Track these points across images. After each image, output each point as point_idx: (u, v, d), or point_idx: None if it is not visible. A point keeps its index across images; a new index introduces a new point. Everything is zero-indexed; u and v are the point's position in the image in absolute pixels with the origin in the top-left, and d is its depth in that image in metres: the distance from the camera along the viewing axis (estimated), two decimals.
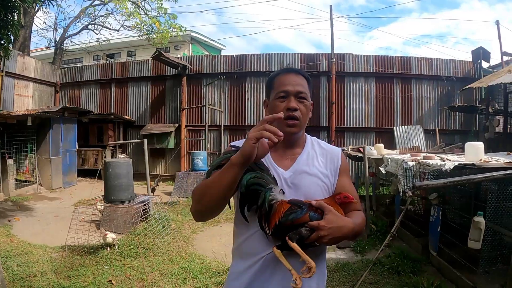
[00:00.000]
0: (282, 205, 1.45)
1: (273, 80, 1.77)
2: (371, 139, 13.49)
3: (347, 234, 1.43)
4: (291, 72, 1.76)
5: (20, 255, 5.94)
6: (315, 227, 1.36)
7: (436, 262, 5.38)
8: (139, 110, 15.71)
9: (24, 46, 16.21)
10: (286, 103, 1.66)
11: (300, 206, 1.43)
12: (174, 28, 18.31)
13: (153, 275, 5.23)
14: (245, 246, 1.66)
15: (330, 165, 1.79)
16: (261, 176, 1.51)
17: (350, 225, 1.45)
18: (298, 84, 1.70)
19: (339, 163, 1.82)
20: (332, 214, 1.41)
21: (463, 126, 13.35)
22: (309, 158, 1.76)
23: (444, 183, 3.79)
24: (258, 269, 1.59)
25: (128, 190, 8.10)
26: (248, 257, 1.63)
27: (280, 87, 1.70)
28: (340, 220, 1.42)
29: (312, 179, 1.69)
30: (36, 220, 8.45)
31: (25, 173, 12.10)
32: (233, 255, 1.78)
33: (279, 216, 1.41)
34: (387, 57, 13.73)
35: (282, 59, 14.08)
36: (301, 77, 1.74)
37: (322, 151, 1.83)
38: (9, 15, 7.51)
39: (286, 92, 1.67)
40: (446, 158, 5.74)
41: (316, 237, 1.36)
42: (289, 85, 1.68)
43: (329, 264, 5.66)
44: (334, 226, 1.38)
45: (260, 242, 1.58)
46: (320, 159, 1.79)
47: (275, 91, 1.72)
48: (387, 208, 8.63)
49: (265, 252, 1.57)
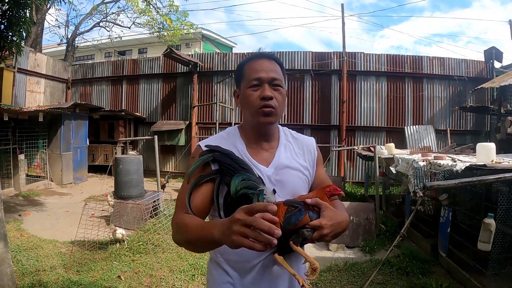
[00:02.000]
0: (279, 208, 1.33)
1: (243, 68, 1.63)
2: (381, 138, 13.42)
3: (346, 227, 1.40)
4: (263, 57, 1.61)
5: (30, 250, 6.00)
6: (317, 227, 1.29)
7: (445, 264, 5.35)
8: (150, 107, 15.77)
9: (36, 42, 16.36)
10: (260, 92, 1.52)
11: (297, 207, 1.34)
12: (185, 26, 18.36)
13: (162, 271, 5.26)
14: (235, 253, 1.41)
15: (307, 156, 1.73)
16: (248, 178, 1.39)
17: (347, 218, 1.43)
18: (271, 70, 1.56)
19: (316, 154, 1.76)
20: (329, 210, 1.34)
21: (474, 127, 13.22)
22: (288, 151, 1.68)
23: (455, 184, 3.76)
24: (254, 276, 1.49)
25: (138, 187, 8.14)
26: (239, 265, 1.52)
27: (252, 74, 1.55)
28: (338, 215, 1.37)
29: (295, 173, 1.62)
30: (46, 215, 8.52)
31: (36, 168, 12.21)
32: (214, 262, 1.61)
33: (280, 221, 1.29)
34: (398, 56, 13.64)
35: (293, 57, 14.04)
36: (274, 63, 1.60)
37: (297, 142, 1.75)
38: (21, 12, 7.56)
39: (259, 80, 1.53)
40: (457, 158, 5.71)
41: (319, 236, 1.30)
42: (262, 72, 1.54)
43: (337, 263, 5.68)
44: (335, 223, 1.32)
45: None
46: (298, 151, 1.71)
47: (247, 79, 1.57)
48: (397, 208, 8.59)
49: (259, 258, 1.47)
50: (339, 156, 13.44)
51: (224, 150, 1.44)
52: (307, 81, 13.89)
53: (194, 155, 1.53)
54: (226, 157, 1.42)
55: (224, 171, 1.40)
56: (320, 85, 13.85)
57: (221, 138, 1.62)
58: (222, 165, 1.41)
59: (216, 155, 1.41)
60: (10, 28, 7.67)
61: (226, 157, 1.42)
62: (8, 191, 10.29)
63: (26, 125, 11.21)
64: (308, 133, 13.68)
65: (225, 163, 1.40)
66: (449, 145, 11.07)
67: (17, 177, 10.84)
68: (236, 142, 1.60)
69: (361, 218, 6.76)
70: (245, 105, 1.58)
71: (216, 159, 1.42)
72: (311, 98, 13.91)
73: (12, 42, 7.95)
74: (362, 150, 10.13)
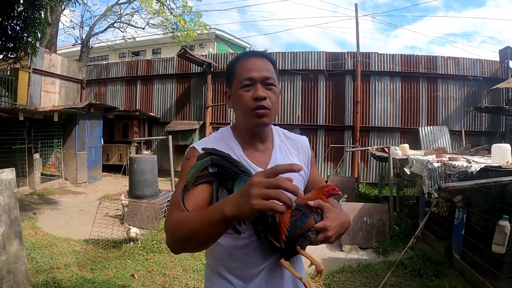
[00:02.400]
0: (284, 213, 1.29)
1: (234, 67, 1.56)
2: (396, 139, 13.32)
3: (348, 227, 1.39)
4: (254, 55, 1.54)
5: (44, 247, 6.08)
6: (322, 229, 1.28)
7: (459, 266, 5.31)
8: (164, 107, 15.84)
9: (51, 43, 16.55)
10: (252, 92, 1.46)
11: (301, 210, 1.31)
12: (199, 26, 18.42)
13: (175, 270, 5.29)
14: (238, 259, 1.46)
15: (302, 156, 1.70)
16: None
17: (348, 217, 1.41)
18: (264, 69, 1.50)
19: (310, 153, 1.74)
20: (332, 211, 1.32)
21: (489, 128, 13.06)
22: (283, 152, 1.64)
23: (470, 185, 3.74)
24: (259, 283, 1.45)
25: (152, 186, 8.21)
26: (243, 272, 1.46)
27: (244, 73, 1.49)
28: (341, 215, 1.35)
29: (292, 174, 1.47)
30: (61, 214, 8.62)
31: (51, 167, 12.35)
32: (213, 270, 1.55)
33: (286, 226, 1.28)
34: (413, 56, 13.52)
35: (307, 57, 14.00)
36: (266, 61, 1.54)
37: (290, 142, 1.71)
38: (36, 13, 7.67)
39: (251, 79, 1.47)
40: (472, 159, 5.68)
41: (323, 238, 1.28)
42: (254, 71, 1.48)
43: (351, 264, 5.66)
44: (338, 223, 1.31)
45: (255, 254, 1.44)
46: (293, 151, 1.68)
47: (238, 79, 1.51)
48: (411, 210, 8.55)
49: (265, 263, 1.45)
50: (353, 156, 13.39)
51: (222, 153, 1.39)
52: (321, 81, 13.84)
53: (189, 156, 1.48)
54: (225, 161, 1.36)
55: (224, 175, 1.35)
56: (334, 86, 13.80)
57: (215, 140, 1.56)
58: (222, 169, 1.35)
59: (214, 159, 1.35)
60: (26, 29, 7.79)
61: (225, 160, 1.37)
62: (23, 189, 10.42)
63: (41, 125, 11.32)
64: (322, 134, 13.75)
65: (224, 167, 1.35)
66: (463, 146, 10.98)
67: (32, 176, 10.98)
68: (232, 144, 1.56)
69: (374, 219, 6.74)
70: (237, 106, 1.53)
71: (215, 162, 1.35)
72: (325, 98, 13.85)
73: (27, 43, 8.07)
74: (376, 150, 10.08)
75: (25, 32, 7.90)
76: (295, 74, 13.96)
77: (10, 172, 3.93)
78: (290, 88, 14.10)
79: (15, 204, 3.95)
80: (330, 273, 5.32)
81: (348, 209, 6.77)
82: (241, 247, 1.44)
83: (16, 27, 7.89)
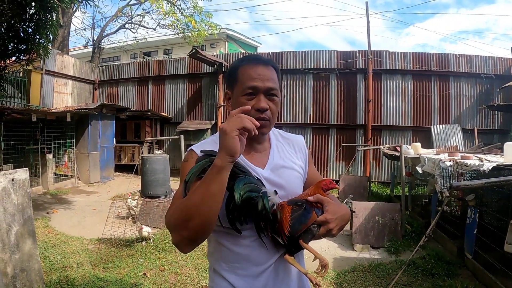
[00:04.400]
0: (284, 209, 1.36)
1: (237, 71, 1.52)
2: (408, 137, 13.25)
3: (348, 219, 1.41)
4: (260, 63, 1.50)
5: (57, 246, 6.16)
6: (323, 222, 1.31)
7: (471, 266, 5.27)
8: (176, 107, 15.91)
9: (63, 45, 16.75)
10: (254, 102, 1.45)
11: (302, 205, 1.35)
12: (210, 27, 18.45)
13: (187, 269, 5.32)
14: (240, 259, 1.45)
15: (299, 154, 1.72)
16: (250, 181, 1.34)
17: (348, 210, 1.43)
18: (268, 78, 1.47)
19: (306, 151, 1.76)
20: (332, 204, 1.35)
21: (502, 126, 12.93)
22: (280, 151, 1.65)
23: (482, 184, 3.70)
24: (265, 281, 1.43)
25: (164, 185, 8.26)
26: (248, 271, 1.44)
27: (247, 81, 1.46)
28: (340, 208, 1.38)
29: (291, 173, 1.59)
30: (74, 213, 8.71)
31: (63, 167, 12.49)
32: (216, 272, 1.52)
33: (287, 222, 1.31)
34: (424, 54, 13.44)
35: (319, 56, 13.97)
36: (270, 69, 1.51)
37: (287, 141, 1.73)
38: (48, 15, 7.75)
39: (254, 89, 1.45)
40: (485, 158, 5.63)
41: (325, 231, 1.32)
42: (258, 80, 1.45)
43: (362, 264, 5.65)
44: (339, 216, 1.34)
45: (259, 252, 1.43)
46: (290, 150, 1.69)
47: (241, 86, 1.48)
48: (423, 209, 8.49)
49: (271, 260, 1.44)
50: (365, 155, 13.35)
51: None
52: (332, 80, 13.80)
53: (188, 159, 1.48)
54: None
55: None
56: (345, 84, 13.76)
57: (213, 142, 1.53)
58: None
59: (213, 160, 1.29)
60: (38, 31, 7.86)
61: None
62: (37, 189, 10.54)
63: (54, 126, 11.47)
64: (334, 133, 13.75)
65: None
66: (476, 145, 10.88)
67: (45, 175, 11.12)
68: None
69: (386, 218, 6.72)
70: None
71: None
72: (336, 97, 13.82)
73: (39, 45, 8.15)
74: (388, 149, 10.05)
75: (37, 34, 7.97)
76: (306, 73, 13.94)
77: (24, 172, 3.97)
78: (301, 87, 14.07)
79: (29, 203, 3.99)
80: (342, 273, 5.32)
81: (360, 208, 6.77)
82: (244, 246, 1.43)
83: (28, 29, 7.97)
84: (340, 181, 10.32)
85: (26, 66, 9.72)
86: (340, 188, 9.88)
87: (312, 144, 13.84)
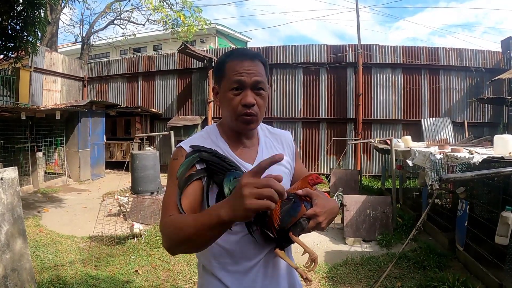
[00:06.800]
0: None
1: (224, 65, 1.50)
2: (398, 131, 13.30)
3: (337, 213, 1.41)
4: (247, 57, 1.48)
5: (48, 245, 6.13)
6: (312, 215, 1.31)
7: (463, 258, 5.31)
8: (166, 103, 15.87)
9: (52, 42, 16.63)
10: (241, 97, 1.43)
11: (291, 199, 1.34)
12: (199, 22, 18.39)
13: (179, 265, 5.33)
14: (229, 255, 1.44)
15: (287, 150, 1.72)
16: (239, 176, 1.32)
17: (336, 203, 1.43)
18: (255, 73, 1.45)
19: (294, 147, 1.77)
20: (320, 198, 1.35)
21: (492, 119, 13.01)
22: (269, 147, 1.65)
23: (472, 176, 3.72)
24: (254, 277, 1.43)
25: (155, 182, 8.25)
26: (239, 266, 1.44)
27: (234, 76, 1.44)
28: (329, 202, 1.37)
29: (279, 168, 1.57)
30: (65, 211, 8.67)
31: (54, 165, 12.41)
32: (205, 268, 1.51)
33: (277, 215, 1.29)
34: (414, 47, 13.47)
35: (308, 50, 13.96)
36: (257, 63, 1.48)
37: (275, 137, 1.73)
38: (36, 12, 7.69)
39: (240, 83, 1.43)
40: (475, 151, 5.66)
41: (315, 224, 1.31)
42: (245, 75, 1.43)
43: (354, 257, 5.68)
44: (328, 209, 1.34)
45: (249, 247, 1.42)
46: (277, 146, 1.70)
47: (228, 81, 1.46)
48: (414, 202, 8.54)
49: (260, 255, 1.44)
50: (356, 149, 13.38)
51: (209, 149, 1.39)
52: (322, 74, 13.80)
53: (177, 156, 1.45)
54: (213, 156, 1.36)
55: (213, 170, 1.35)
56: (335, 78, 13.77)
57: (202, 138, 1.54)
58: (210, 165, 1.35)
59: (202, 155, 1.35)
60: (26, 29, 7.80)
61: (213, 156, 1.37)
62: (27, 188, 10.47)
63: (43, 123, 11.37)
64: (324, 127, 13.75)
65: (213, 162, 1.35)
66: (466, 138, 10.94)
67: (36, 174, 11.03)
68: (218, 141, 1.55)
69: (378, 211, 6.74)
70: (225, 107, 1.51)
71: (203, 158, 1.35)
72: (326, 91, 13.82)
73: (27, 42, 8.09)
74: (379, 143, 10.06)
75: (25, 31, 7.91)
76: (296, 67, 13.92)
77: (13, 171, 3.95)
78: (291, 82, 14.06)
79: (18, 202, 3.97)
80: (334, 266, 5.35)
81: (351, 202, 6.79)
82: (234, 241, 1.42)
83: (16, 26, 7.89)
84: (331, 174, 10.36)
85: (15, 64, 9.63)
86: (332, 181, 9.91)
87: (302, 138, 13.86)
